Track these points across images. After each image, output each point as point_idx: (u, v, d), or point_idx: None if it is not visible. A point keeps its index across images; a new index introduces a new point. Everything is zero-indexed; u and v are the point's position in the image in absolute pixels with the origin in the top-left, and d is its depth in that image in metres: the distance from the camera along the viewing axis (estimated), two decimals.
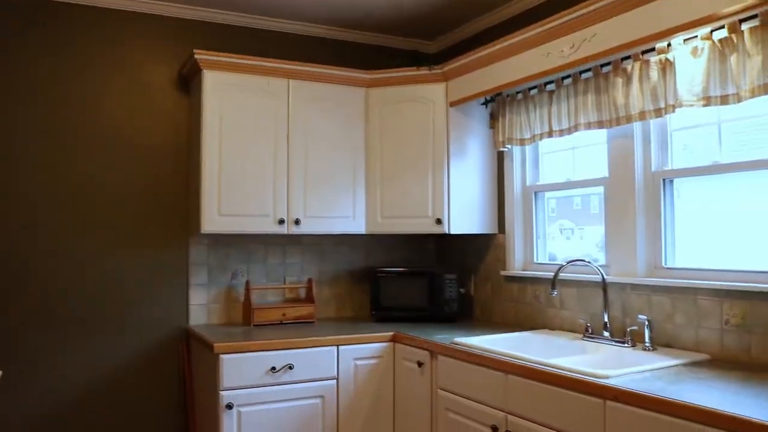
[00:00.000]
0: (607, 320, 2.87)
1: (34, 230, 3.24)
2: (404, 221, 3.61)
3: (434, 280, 3.61)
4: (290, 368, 3.04)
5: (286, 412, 3.02)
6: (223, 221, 3.31)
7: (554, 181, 3.44)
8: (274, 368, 3.00)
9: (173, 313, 3.53)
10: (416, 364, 3.10)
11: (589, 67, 2.87)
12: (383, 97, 3.67)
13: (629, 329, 2.73)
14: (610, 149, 2.99)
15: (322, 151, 3.56)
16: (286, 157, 3.46)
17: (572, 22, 2.70)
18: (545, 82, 3.14)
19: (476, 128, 3.64)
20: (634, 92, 2.65)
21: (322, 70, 3.54)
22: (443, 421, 2.90)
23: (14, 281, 3.20)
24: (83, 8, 3.38)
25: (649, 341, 2.62)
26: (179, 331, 3.53)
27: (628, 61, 2.70)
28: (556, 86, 3.09)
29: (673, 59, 2.49)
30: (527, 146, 3.50)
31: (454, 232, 3.55)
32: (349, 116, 3.65)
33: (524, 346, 2.96)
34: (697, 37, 2.38)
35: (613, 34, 2.55)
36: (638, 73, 2.63)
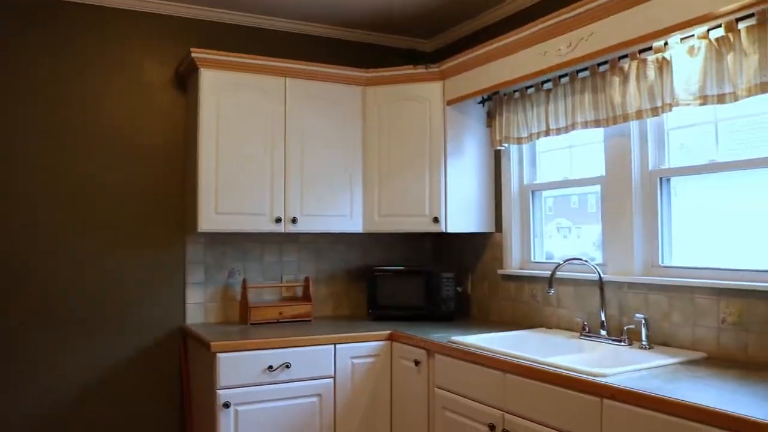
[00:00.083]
0: (604, 319, 2.87)
1: (31, 229, 3.23)
2: (401, 220, 3.61)
3: (431, 278, 3.61)
4: (287, 367, 3.04)
5: (283, 410, 3.02)
6: (220, 220, 3.31)
7: (551, 179, 3.44)
8: (271, 367, 3.00)
9: (170, 312, 3.52)
10: (413, 362, 3.10)
11: (586, 65, 2.87)
12: (380, 95, 3.66)
13: (626, 328, 2.73)
14: (607, 148, 3.00)
15: (318, 149, 3.56)
16: (283, 155, 3.46)
17: (569, 20, 2.70)
18: (542, 80, 3.14)
19: (473, 127, 3.64)
20: (631, 91, 2.65)
21: (318, 68, 3.54)
22: (440, 419, 2.91)
23: (13, 281, 3.19)
24: (82, 7, 3.37)
25: (645, 340, 2.62)
26: (176, 330, 3.53)
27: (625, 60, 2.70)
28: (553, 85, 3.09)
29: (669, 58, 2.49)
30: (524, 145, 3.51)
31: (451, 230, 3.55)
32: (345, 115, 3.64)
33: (521, 344, 2.96)
34: (693, 36, 2.38)
35: (610, 32, 2.55)
36: (635, 72, 2.63)
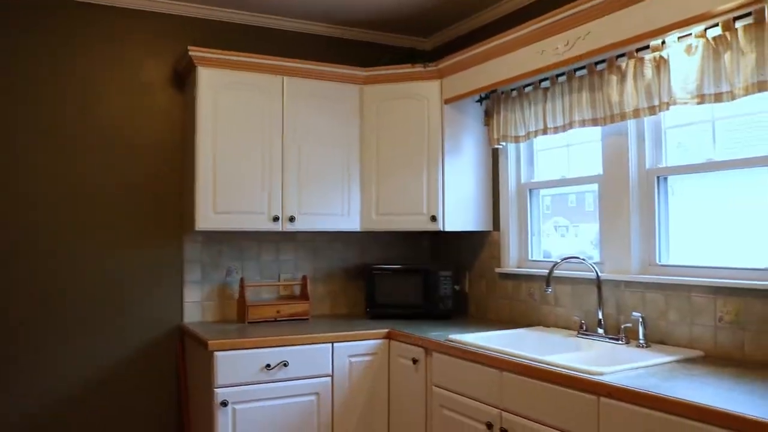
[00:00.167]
0: (601, 317, 2.87)
1: (29, 229, 3.22)
2: (399, 218, 3.61)
3: (429, 277, 3.61)
4: (285, 365, 3.04)
5: (281, 409, 3.03)
6: (217, 218, 3.30)
7: (549, 178, 3.44)
8: (268, 365, 3.00)
9: (168, 310, 3.52)
10: (411, 361, 3.10)
11: (583, 64, 2.87)
12: (378, 94, 3.66)
13: (623, 326, 2.73)
14: (604, 147, 3.00)
15: (316, 148, 3.55)
16: (280, 154, 3.46)
17: (567, 19, 2.71)
18: (540, 79, 3.14)
19: (471, 125, 3.64)
20: (628, 90, 2.66)
21: (316, 67, 3.53)
22: (438, 417, 2.91)
23: (11, 281, 3.19)
24: (80, 5, 3.36)
25: (643, 338, 2.63)
26: (174, 328, 3.53)
27: (622, 58, 2.70)
28: (550, 83, 3.10)
29: (667, 57, 2.49)
30: (522, 143, 3.51)
31: (448, 229, 3.55)
32: (343, 113, 3.64)
33: (519, 343, 2.96)
34: (691, 35, 2.38)
35: (607, 31, 2.55)
36: (633, 70, 2.63)
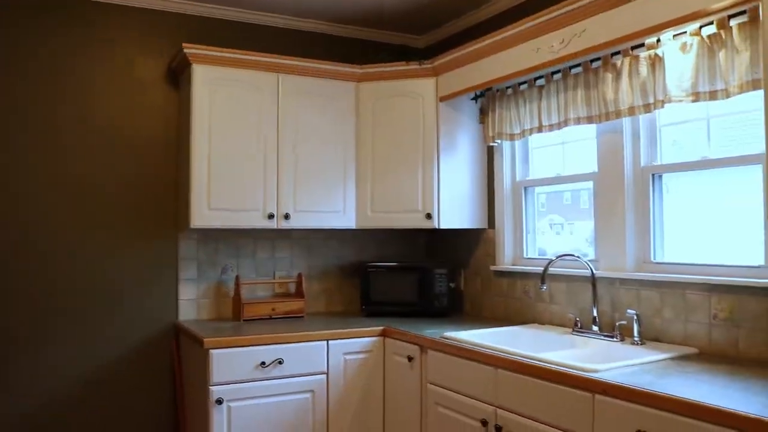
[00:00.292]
0: (596, 315, 2.88)
1: (25, 228, 3.21)
2: (394, 216, 3.61)
3: (424, 274, 3.61)
4: (280, 363, 3.03)
5: (276, 406, 3.02)
6: (212, 216, 3.29)
7: (544, 176, 3.45)
8: (263, 363, 3.00)
9: (163, 308, 3.51)
10: (406, 358, 3.10)
11: (578, 62, 2.87)
12: (373, 91, 3.66)
13: (618, 323, 2.74)
14: (599, 144, 3.00)
15: (311, 145, 3.55)
16: (275, 151, 3.45)
17: (562, 17, 2.71)
18: (535, 77, 3.14)
19: (466, 123, 3.64)
20: (623, 87, 2.66)
21: (311, 64, 3.53)
22: (433, 415, 2.91)
23: (10, 280, 3.18)
24: (76, 2, 3.34)
25: (637, 335, 2.64)
26: (169, 326, 3.52)
27: (617, 56, 2.71)
28: (545, 81, 3.10)
29: (662, 55, 2.50)
30: (517, 141, 3.51)
31: (443, 226, 3.55)
32: (339, 111, 3.63)
33: (514, 340, 2.97)
34: (686, 33, 2.39)
35: (602, 29, 2.55)
36: (627, 68, 2.64)
